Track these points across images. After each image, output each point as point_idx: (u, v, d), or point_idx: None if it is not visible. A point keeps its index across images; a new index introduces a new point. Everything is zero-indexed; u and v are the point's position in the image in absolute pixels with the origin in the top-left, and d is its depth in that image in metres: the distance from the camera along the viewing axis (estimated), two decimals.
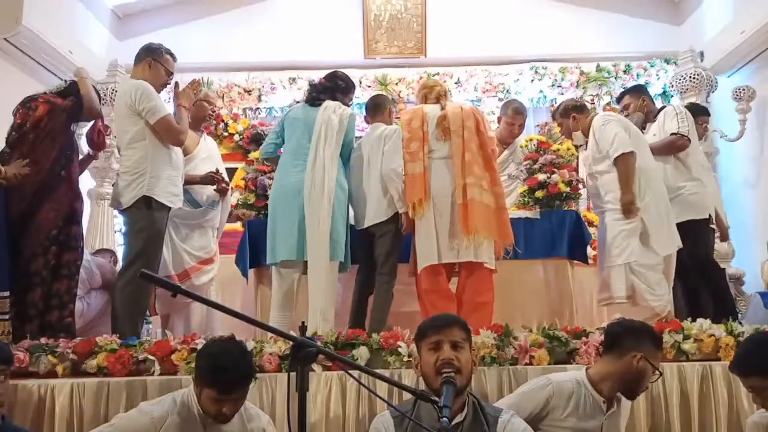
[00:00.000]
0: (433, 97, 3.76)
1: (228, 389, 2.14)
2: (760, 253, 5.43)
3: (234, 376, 2.15)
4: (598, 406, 2.30)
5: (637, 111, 4.07)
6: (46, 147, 3.46)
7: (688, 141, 3.83)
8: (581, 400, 2.29)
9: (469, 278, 3.49)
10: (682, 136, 3.79)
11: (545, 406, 2.27)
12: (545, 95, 6.69)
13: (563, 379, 2.36)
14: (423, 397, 1.78)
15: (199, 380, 2.21)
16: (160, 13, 6.69)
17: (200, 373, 2.20)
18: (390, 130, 3.71)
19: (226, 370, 2.14)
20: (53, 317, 3.42)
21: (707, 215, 3.78)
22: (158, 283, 1.59)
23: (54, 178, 3.49)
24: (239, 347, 2.31)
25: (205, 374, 2.17)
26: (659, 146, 3.88)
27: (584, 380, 2.33)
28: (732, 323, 3.09)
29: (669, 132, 3.84)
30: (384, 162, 3.59)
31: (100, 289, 4.08)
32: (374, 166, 3.64)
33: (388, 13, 6.66)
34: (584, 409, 2.28)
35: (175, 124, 3.48)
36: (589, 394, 2.30)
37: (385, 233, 3.58)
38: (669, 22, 6.74)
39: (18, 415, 2.72)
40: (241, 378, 2.16)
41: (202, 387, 2.18)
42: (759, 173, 5.83)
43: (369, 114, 3.89)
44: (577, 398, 2.29)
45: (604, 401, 2.30)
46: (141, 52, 3.63)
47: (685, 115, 3.87)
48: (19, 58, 5.32)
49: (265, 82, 6.55)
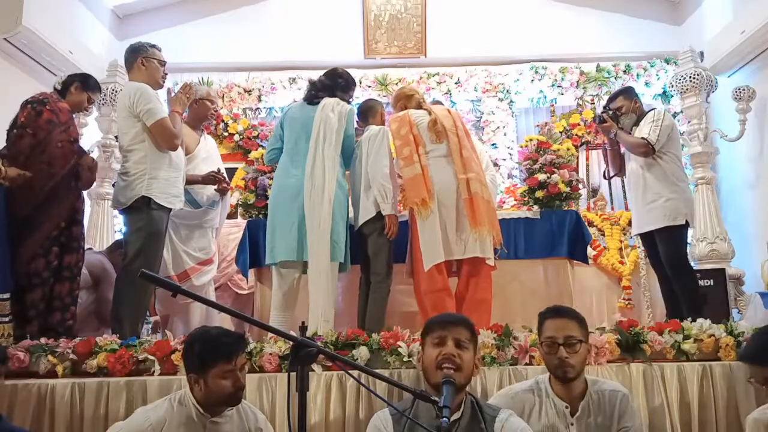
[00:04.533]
0: (414, 104, 3.80)
1: (231, 352, 2.17)
2: (760, 253, 5.43)
3: (230, 339, 2.21)
4: (560, 412, 2.26)
5: (630, 112, 4.09)
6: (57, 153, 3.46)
7: (652, 151, 3.83)
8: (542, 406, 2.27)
9: (472, 276, 3.50)
10: (648, 143, 3.81)
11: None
12: (545, 95, 6.70)
13: (521, 387, 2.38)
14: (423, 397, 1.78)
15: (200, 369, 2.16)
16: (160, 13, 6.70)
17: (199, 360, 2.17)
18: (375, 130, 3.72)
19: (220, 337, 2.21)
20: (55, 319, 3.43)
21: (684, 221, 3.81)
22: (158, 283, 1.59)
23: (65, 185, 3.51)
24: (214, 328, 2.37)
25: (205, 354, 2.17)
26: (628, 141, 3.94)
27: (546, 386, 2.32)
28: (732, 323, 3.10)
29: (641, 134, 3.87)
30: (369, 162, 3.61)
31: (89, 288, 4.06)
32: (364, 167, 3.66)
33: (388, 13, 6.66)
34: (546, 416, 2.26)
35: (170, 128, 3.47)
36: (551, 400, 2.28)
37: (372, 232, 3.58)
38: (669, 22, 6.75)
39: (18, 415, 2.72)
40: (238, 338, 2.23)
41: (206, 372, 2.15)
42: (759, 173, 5.83)
43: (361, 118, 3.87)
44: (530, 406, 2.28)
45: (566, 406, 2.26)
46: (128, 56, 3.64)
47: (663, 126, 3.86)
48: (19, 58, 5.32)
49: (265, 82, 6.56)
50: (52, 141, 3.45)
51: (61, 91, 3.69)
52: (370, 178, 3.59)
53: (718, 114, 6.24)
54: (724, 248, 5.51)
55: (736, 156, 6.04)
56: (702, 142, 5.73)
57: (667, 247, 3.83)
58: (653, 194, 3.87)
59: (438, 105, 4.02)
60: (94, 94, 3.80)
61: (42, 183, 3.41)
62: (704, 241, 5.56)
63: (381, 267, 3.55)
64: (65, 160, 3.50)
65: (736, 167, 6.11)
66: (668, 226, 3.80)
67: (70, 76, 3.78)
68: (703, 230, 5.59)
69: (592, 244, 4.92)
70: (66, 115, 3.57)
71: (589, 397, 2.28)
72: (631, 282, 5.06)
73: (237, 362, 2.18)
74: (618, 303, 5.01)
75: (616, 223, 5.29)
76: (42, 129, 3.45)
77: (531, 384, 2.38)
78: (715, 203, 5.72)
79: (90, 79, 3.82)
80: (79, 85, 3.72)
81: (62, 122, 3.52)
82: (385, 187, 3.54)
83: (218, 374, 2.15)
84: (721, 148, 5.99)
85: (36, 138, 3.43)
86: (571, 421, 2.25)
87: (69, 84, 3.71)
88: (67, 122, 3.56)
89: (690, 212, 3.89)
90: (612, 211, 5.44)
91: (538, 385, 2.35)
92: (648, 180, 3.91)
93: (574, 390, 2.28)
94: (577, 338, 2.26)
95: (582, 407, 2.26)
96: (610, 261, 5.11)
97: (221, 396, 2.17)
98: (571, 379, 2.25)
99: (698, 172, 5.76)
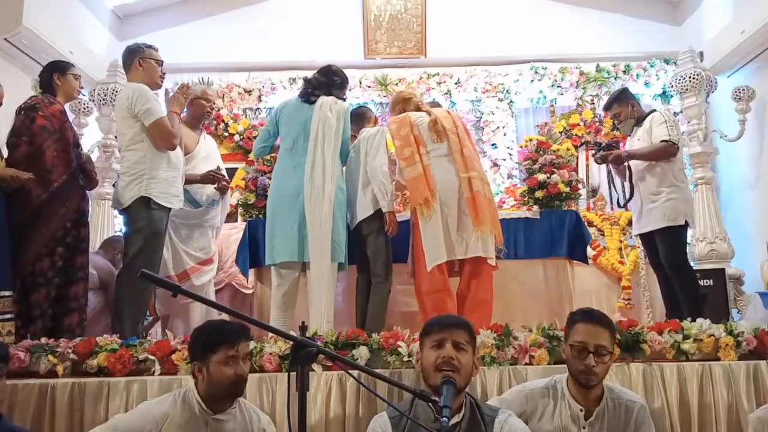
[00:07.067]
0: (412, 107, 3.81)
1: (233, 339, 2.19)
2: (760, 253, 5.43)
3: (232, 327, 2.24)
4: (575, 415, 2.24)
5: (629, 118, 4.08)
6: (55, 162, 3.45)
7: (678, 148, 3.85)
8: (556, 407, 2.26)
9: (473, 276, 3.50)
10: (673, 144, 3.81)
11: (521, 414, 2.25)
12: (545, 95, 6.71)
13: (536, 386, 2.35)
14: (423, 397, 1.78)
15: (203, 355, 2.19)
16: (160, 13, 6.70)
17: (203, 346, 2.20)
18: (374, 130, 3.75)
19: (224, 324, 2.27)
20: (73, 320, 3.44)
21: (684, 222, 3.81)
22: (158, 283, 1.59)
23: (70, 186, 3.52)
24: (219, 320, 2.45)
25: (209, 339, 2.20)
26: (649, 152, 3.89)
27: (564, 387, 2.30)
28: (732, 323, 3.10)
29: (658, 138, 3.85)
30: (369, 161, 3.62)
31: (98, 289, 4.08)
32: (362, 166, 3.66)
33: (388, 14, 6.67)
34: (559, 418, 2.24)
35: (168, 128, 3.47)
36: (566, 402, 2.27)
37: (371, 232, 3.59)
38: (669, 22, 6.75)
39: (18, 415, 2.71)
40: (240, 327, 2.24)
41: (209, 359, 2.17)
42: (758, 173, 5.83)
43: (354, 123, 3.82)
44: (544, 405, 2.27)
45: (581, 409, 2.25)
46: (125, 57, 3.64)
47: (674, 122, 3.89)
48: (19, 58, 5.33)
49: (265, 82, 6.57)
50: (48, 148, 3.44)
51: (49, 90, 3.62)
52: (370, 176, 3.59)
53: (717, 114, 6.24)
54: (724, 248, 5.52)
55: (735, 156, 6.05)
56: (702, 142, 5.74)
57: (666, 248, 3.83)
58: (653, 194, 3.87)
59: (436, 106, 4.03)
60: (72, 71, 3.73)
61: (40, 191, 3.40)
62: (704, 241, 5.57)
63: (381, 268, 3.56)
64: (64, 168, 3.49)
65: (735, 167, 6.11)
66: (668, 227, 3.81)
67: (41, 73, 3.68)
68: (703, 230, 5.60)
69: (592, 244, 4.92)
70: (59, 120, 3.52)
71: (606, 404, 2.27)
72: (631, 282, 5.06)
73: (239, 349, 2.20)
74: (618, 303, 5.01)
75: (616, 223, 5.29)
76: (37, 135, 3.43)
77: (547, 383, 2.35)
78: (715, 203, 5.73)
79: (59, 62, 3.78)
80: (58, 74, 3.63)
81: (56, 129, 3.49)
82: (385, 185, 3.54)
83: (220, 360, 2.16)
84: (720, 148, 6.00)
85: (33, 145, 3.43)
86: (584, 425, 2.24)
87: (48, 80, 3.62)
88: (61, 128, 3.51)
89: (690, 212, 3.89)
90: (612, 211, 5.45)
91: (554, 386, 2.33)
92: (648, 180, 3.91)
93: (592, 394, 2.27)
94: (607, 349, 2.24)
95: (597, 413, 2.25)
96: (609, 261, 5.11)
97: (223, 384, 2.17)
98: (592, 387, 2.24)
99: (698, 172, 5.77)
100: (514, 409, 2.24)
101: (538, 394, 2.31)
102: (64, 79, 3.64)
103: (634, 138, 4.10)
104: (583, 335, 2.25)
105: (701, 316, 3.19)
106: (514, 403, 2.28)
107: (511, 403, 2.29)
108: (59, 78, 3.63)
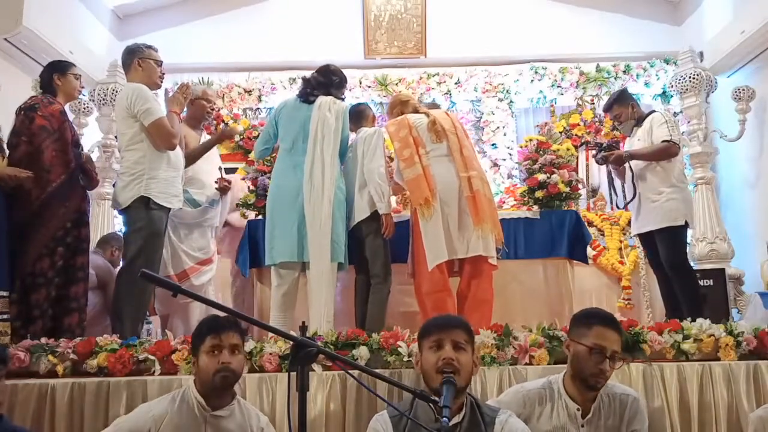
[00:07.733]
0: (410, 109, 3.81)
1: (217, 328, 2.22)
2: (760, 253, 5.43)
3: (219, 318, 2.26)
4: (572, 414, 2.24)
5: (629, 119, 4.08)
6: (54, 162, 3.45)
7: (679, 149, 3.86)
8: (553, 408, 2.26)
9: (473, 276, 3.50)
10: (674, 144, 3.82)
11: (519, 416, 2.23)
12: (545, 95, 6.71)
13: (533, 387, 2.35)
14: (423, 397, 1.78)
15: (195, 348, 2.26)
16: (160, 13, 6.70)
17: (193, 342, 2.28)
18: (371, 131, 3.74)
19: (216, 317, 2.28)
20: (73, 320, 3.45)
21: (684, 222, 3.81)
22: (158, 282, 1.60)
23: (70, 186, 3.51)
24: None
25: (197, 333, 2.27)
26: (650, 152, 3.89)
27: (560, 387, 2.30)
28: (732, 323, 3.10)
29: (659, 139, 3.85)
30: (365, 162, 3.62)
31: (96, 289, 4.07)
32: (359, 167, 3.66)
33: (388, 14, 6.67)
34: (557, 418, 2.24)
35: (168, 128, 3.47)
36: (563, 402, 2.26)
37: (369, 233, 3.59)
38: (669, 22, 6.75)
39: (18, 415, 2.71)
40: (230, 319, 2.25)
41: (198, 351, 2.23)
42: (758, 173, 5.84)
43: (352, 121, 3.82)
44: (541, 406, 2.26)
45: (578, 408, 2.24)
46: (125, 58, 3.64)
47: (674, 123, 3.91)
48: (19, 58, 5.33)
49: (265, 82, 6.57)
50: (47, 148, 3.44)
51: (49, 90, 3.62)
52: (367, 178, 3.59)
53: (717, 114, 6.25)
54: (724, 248, 5.52)
55: (735, 156, 6.05)
56: (701, 142, 5.74)
57: (666, 248, 3.83)
58: (653, 194, 3.87)
59: (434, 108, 4.03)
60: (73, 71, 3.73)
61: (38, 191, 3.40)
62: (704, 241, 5.57)
63: (380, 269, 3.56)
64: (62, 168, 3.48)
65: (735, 167, 6.11)
66: (668, 227, 3.81)
67: (42, 73, 3.68)
68: (703, 230, 5.60)
69: (592, 244, 4.93)
70: (58, 121, 3.51)
71: (601, 400, 2.27)
72: (631, 282, 5.07)
73: (223, 338, 2.21)
74: (617, 303, 5.01)
75: (616, 223, 5.30)
76: (36, 135, 3.43)
77: (543, 383, 2.35)
78: (715, 203, 5.73)
79: (59, 62, 3.78)
80: (58, 74, 3.63)
81: (55, 129, 3.49)
82: (381, 187, 3.55)
83: (206, 350, 2.20)
84: (720, 148, 6.00)
85: (32, 145, 3.43)
86: (582, 423, 2.24)
87: (48, 80, 3.62)
88: (59, 128, 3.51)
89: (689, 213, 3.89)
90: (612, 211, 5.45)
91: (550, 386, 2.32)
92: (648, 180, 3.91)
93: (589, 393, 2.27)
94: (621, 355, 2.26)
95: (594, 409, 2.25)
96: (609, 261, 5.11)
97: (209, 374, 2.18)
98: (598, 389, 2.24)
99: (698, 172, 5.77)
100: (512, 410, 2.23)
101: (535, 395, 2.31)
102: (65, 79, 3.65)
103: (634, 138, 4.10)
104: (602, 339, 2.21)
105: (701, 316, 3.19)
106: (512, 405, 2.28)
107: (508, 404, 2.29)
108: (59, 78, 3.63)
